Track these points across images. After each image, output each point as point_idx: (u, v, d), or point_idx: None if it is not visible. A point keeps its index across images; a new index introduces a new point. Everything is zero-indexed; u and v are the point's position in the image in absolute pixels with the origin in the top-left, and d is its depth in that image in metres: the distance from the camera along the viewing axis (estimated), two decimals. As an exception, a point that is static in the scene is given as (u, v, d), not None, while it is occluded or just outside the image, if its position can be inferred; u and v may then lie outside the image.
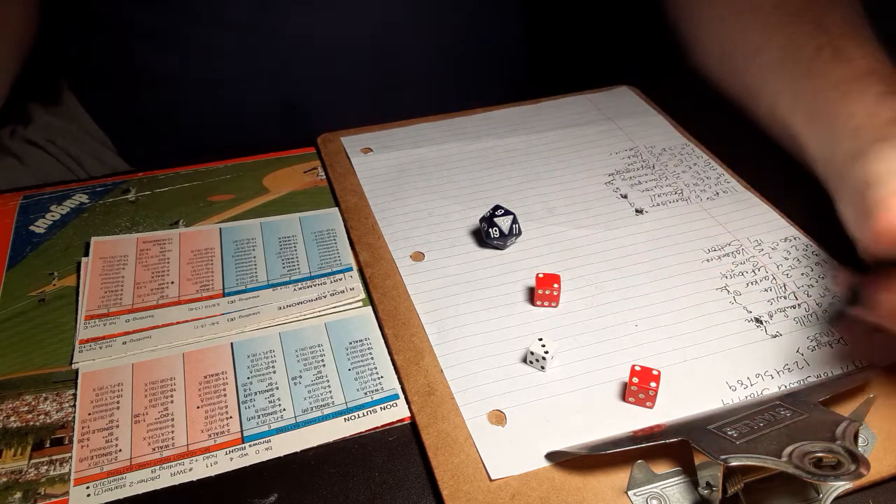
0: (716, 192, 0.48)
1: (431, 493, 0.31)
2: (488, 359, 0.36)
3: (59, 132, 0.60)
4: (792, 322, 0.38)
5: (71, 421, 0.33)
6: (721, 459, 0.27)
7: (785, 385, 0.34)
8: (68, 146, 0.59)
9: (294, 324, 0.38)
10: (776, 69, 0.44)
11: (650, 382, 0.33)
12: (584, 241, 0.43)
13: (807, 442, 0.27)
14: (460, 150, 0.51)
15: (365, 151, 0.51)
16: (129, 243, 0.43)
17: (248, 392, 0.34)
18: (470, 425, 0.33)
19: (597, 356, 0.36)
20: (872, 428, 0.32)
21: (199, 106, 0.57)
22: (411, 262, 0.42)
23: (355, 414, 0.34)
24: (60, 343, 0.37)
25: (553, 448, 0.31)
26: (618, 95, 0.59)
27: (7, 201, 0.46)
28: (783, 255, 0.42)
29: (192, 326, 0.38)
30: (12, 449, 0.32)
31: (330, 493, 0.31)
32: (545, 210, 0.46)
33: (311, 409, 0.34)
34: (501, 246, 0.42)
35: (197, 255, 0.42)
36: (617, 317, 0.38)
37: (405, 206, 0.46)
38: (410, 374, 0.35)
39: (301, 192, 0.48)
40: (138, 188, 0.48)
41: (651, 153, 0.52)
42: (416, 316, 0.38)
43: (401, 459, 0.32)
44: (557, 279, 0.38)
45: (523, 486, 0.30)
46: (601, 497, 0.30)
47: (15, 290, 0.40)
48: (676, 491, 0.30)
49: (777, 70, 0.45)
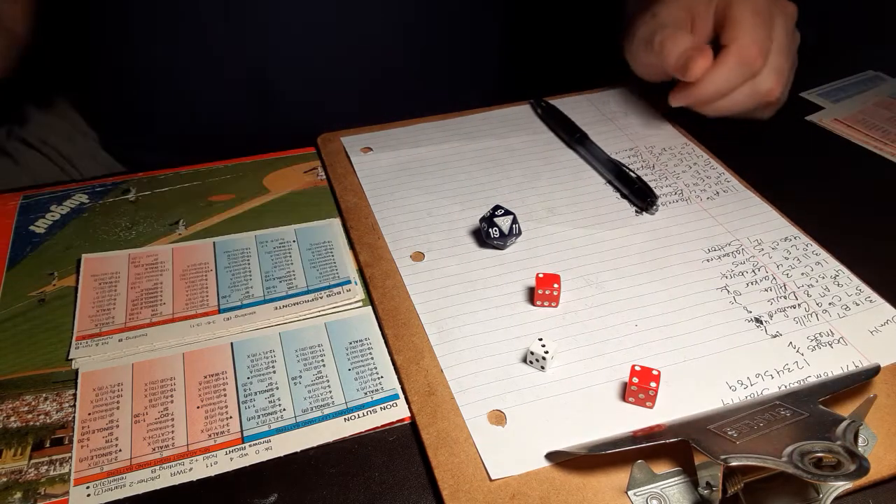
0: (716, 191, 0.48)
1: (431, 493, 0.31)
2: (488, 359, 0.36)
3: (52, 132, 0.60)
4: (792, 322, 0.38)
5: (71, 421, 0.33)
6: (721, 459, 0.27)
7: (785, 385, 0.34)
8: (61, 146, 0.59)
9: (294, 324, 0.38)
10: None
11: (650, 382, 0.33)
12: (584, 241, 0.43)
13: (807, 442, 0.27)
14: (460, 150, 0.51)
15: (365, 151, 0.51)
16: (121, 260, 0.42)
17: (248, 392, 0.34)
18: (470, 425, 0.33)
19: (597, 356, 0.36)
20: (872, 428, 0.32)
21: (181, 95, 0.57)
22: (411, 262, 0.42)
23: (355, 414, 0.34)
24: (60, 343, 0.37)
25: (553, 448, 0.31)
26: (618, 95, 0.59)
27: (7, 201, 0.46)
28: (783, 255, 0.42)
29: (188, 325, 0.38)
30: (12, 449, 0.32)
31: (330, 493, 0.31)
32: (545, 210, 0.46)
33: (311, 409, 0.34)
34: (501, 246, 0.42)
35: (190, 270, 0.41)
36: (617, 317, 0.38)
37: (405, 205, 0.46)
38: (410, 374, 0.35)
39: (301, 192, 0.48)
40: (138, 188, 0.48)
41: (651, 153, 0.52)
42: (416, 316, 0.38)
43: (401, 459, 0.32)
44: (557, 279, 0.38)
45: (523, 485, 0.30)
46: (601, 497, 0.30)
47: (15, 290, 0.40)
48: (676, 491, 0.30)
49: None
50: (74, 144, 0.60)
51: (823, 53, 0.52)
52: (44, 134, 0.60)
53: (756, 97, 0.49)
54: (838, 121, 0.57)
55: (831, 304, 0.39)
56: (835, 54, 0.66)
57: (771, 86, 0.48)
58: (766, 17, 0.48)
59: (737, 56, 0.47)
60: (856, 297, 0.39)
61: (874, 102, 0.60)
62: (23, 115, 0.61)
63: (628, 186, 0.47)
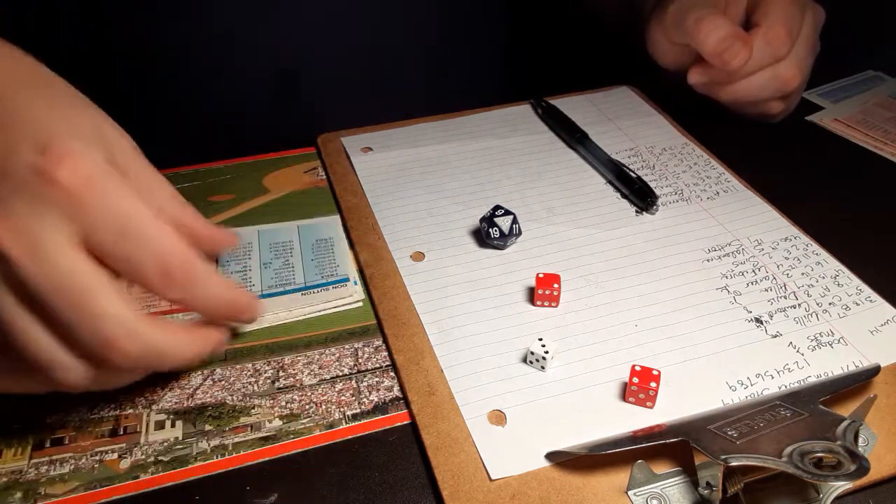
0: (716, 191, 0.48)
1: (431, 493, 0.31)
2: (488, 359, 0.36)
3: None
4: (792, 322, 0.38)
5: (71, 421, 0.33)
6: (721, 459, 0.27)
7: (785, 385, 0.34)
8: None
9: (271, 224, 0.45)
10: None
11: (650, 382, 0.33)
12: (584, 241, 0.43)
13: (807, 442, 0.27)
14: (460, 150, 0.51)
15: (365, 151, 0.51)
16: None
17: (225, 270, 0.41)
18: (470, 425, 0.33)
19: (597, 356, 0.36)
20: (872, 428, 0.32)
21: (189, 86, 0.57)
22: (411, 262, 0.42)
23: (312, 291, 0.40)
24: (60, 343, 0.37)
25: (553, 448, 0.31)
26: (618, 95, 0.59)
27: (7, 201, 0.46)
28: (783, 255, 0.42)
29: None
30: (12, 449, 0.32)
31: (330, 493, 0.31)
32: (545, 210, 0.46)
33: (276, 287, 0.40)
34: (501, 246, 0.42)
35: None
36: (617, 317, 0.38)
37: (405, 205, 0.46)
38: (410, 374, 0.35)
39: (301, 192, 0.48)
40: (138, 188, 0.48)
41: (651, 153, 0.52)
42: (416, 316, 0.38)
43: (401, 459, 0.32)
44: (557, 279, 0.38)
45: (523, 486, 0.30)
46: (601, 497, 0.30)
47: (15, 290, 0.40)
48: (676, 491, 0.30)
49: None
50: None
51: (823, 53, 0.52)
52: None
53: (775, 82, 0.49)
54: (838, 121, 0.57)
55: (831, 304, 0.39)
56: (835, 54, 0.66)
57: (792, 73, 0.48)
58: (800, 7, 0.48)
59: (766, 36, 0.47)
60: (856, 297, 0.39)
61: (874, 102, 0.60)
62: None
63: (628, 186, 0.47)
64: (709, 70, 0.49)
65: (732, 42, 0.46)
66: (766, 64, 0.48)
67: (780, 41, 0.47)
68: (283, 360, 0.36)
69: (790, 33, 0.47)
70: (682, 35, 0.49)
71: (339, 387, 0.35)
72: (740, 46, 0.46)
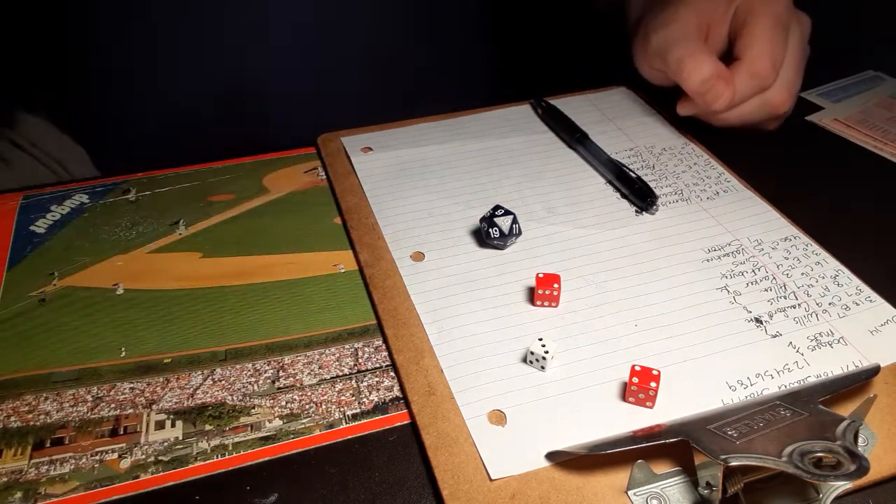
0: (716, 191, 0.48)
1: (431, 493, 0.31)
2: (488, 359, 0.36)
3: (42, 134, 0.60)
4: (792, 322, 0.38)
5: (71, 421, 0.33)
6: (721, 459, 0.27)
7: (785, 385, 0.34)
8: (51, 149, 0.59)
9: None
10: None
11: (650, 382, 0.33)
12: (584, 241, 0.43)
13: (807, 442, 0.27)
14: (460, 150, 0.51)
15: (365, 151, 0.51)
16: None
17: None
18: (470, 425, 0.33)
19: (597, 356, 0.36)
20: (872, 428, 0.32)
21: (154, 101, 0.57)
22: (411, 262, 0.42)
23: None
24: (60, 343, 0.37)
25: (553, 448, 0.31)
26: (617, 95, 0.59)
27: (7, 201, 0.46)
28: (783, 255, 0.42)
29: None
30: (12, 449, 0.32)
31: (330, 493, 0.31)
32: (545, 210, 0.46)
33: None
34: (501, 246, 0.42)
35: None
36: (617, 317, 0.38)
37: (405, 205, 0.46)
38: (410, 374, 0.35)
39: (301, 192, 0.48)
40: (138, 188, 0.48)
41: (651, 153, 0.52)
42: (416, 316, 0.38)
43: (401, 459, 0.32)
44: (557, 279, 0.38)
45: (523, 485, 0.30)
46: (601, 497, 0.30)
47: (15, 290, 0.40)
48: (676, 491, 0.30)
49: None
50: (62, 148, 0.60)
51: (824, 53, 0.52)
52: (33, 136, 0.59)
53: (765, 109, 0.49)
54: (838, 121, 0.57)
55: (831, 304, 0.39)
56: (835, 54, 0.66)
57: (781, 99, 0.48)
58: (783, 30, 0.48)
59: (750, 70, 0.46)
60: (856, 297, 0.39)
61: (874, 102, 0.60)
62: (11, 117, 0.60)
63: (628, 186, 0.47)
64: (695, 105, 0.49)
65: (714, 83, 0.46)
66: (752, 94, 0.48)
67: (765, 73, 0.46)
68: (283, 360, 0.37)
69: (774, 64, 0.47)
70: (665, 66, 0.49)
71: (339, 387, 0.35)
72: (723, 87, 0.46)
